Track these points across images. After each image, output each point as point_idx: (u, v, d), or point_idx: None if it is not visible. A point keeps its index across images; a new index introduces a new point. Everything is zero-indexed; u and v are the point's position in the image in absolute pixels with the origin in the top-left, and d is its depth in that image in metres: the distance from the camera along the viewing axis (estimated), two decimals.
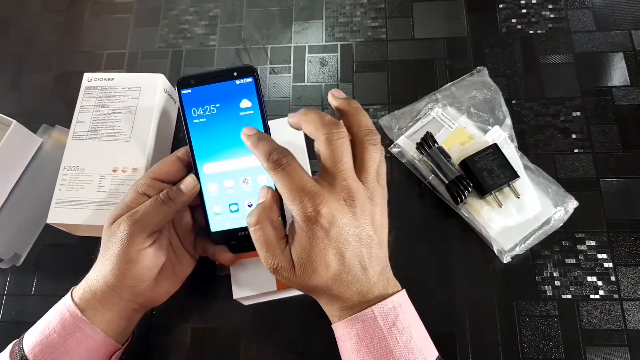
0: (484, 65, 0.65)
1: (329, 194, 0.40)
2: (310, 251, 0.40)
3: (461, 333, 0.54)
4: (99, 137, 0.58)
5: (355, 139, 0.43)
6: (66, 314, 0.46)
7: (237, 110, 0.49)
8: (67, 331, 0.45)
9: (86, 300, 0.46)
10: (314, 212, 0.39)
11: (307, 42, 0.70)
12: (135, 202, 0.48)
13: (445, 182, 0.56)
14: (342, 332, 0.43)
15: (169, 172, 0.50)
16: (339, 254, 0.40)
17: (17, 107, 0.70)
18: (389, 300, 0.41)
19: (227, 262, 0.52)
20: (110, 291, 0.46)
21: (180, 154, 0.51)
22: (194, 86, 0.49)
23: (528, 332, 0.54)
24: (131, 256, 0.46)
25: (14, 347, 0.46)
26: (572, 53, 0.65)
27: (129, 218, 0.46)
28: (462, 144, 0.59)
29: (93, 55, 0.73)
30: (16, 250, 0.62)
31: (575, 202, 0.57)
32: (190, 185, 0.49)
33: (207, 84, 0.49)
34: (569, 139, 0.61)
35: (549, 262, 0.56)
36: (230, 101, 0.49)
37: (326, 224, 0.40)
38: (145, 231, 0.46)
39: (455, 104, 0.62)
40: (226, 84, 0.49)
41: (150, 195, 0.48)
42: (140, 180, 0.49)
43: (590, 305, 0.54)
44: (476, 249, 0.57)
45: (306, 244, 0.40)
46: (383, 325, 0.41)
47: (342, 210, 0.40)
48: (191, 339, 0.56)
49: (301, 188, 0.40)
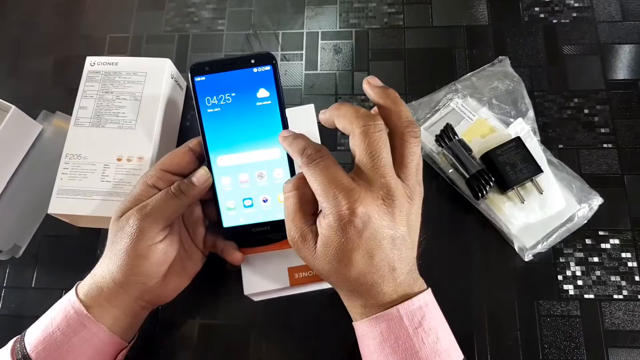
0: (506, 55, 0.62)
1: (366, 193, 0.38)
2: (337, 247, 0.38)
3: (480, 333, 0.52)
4: (102, 124, 0.56)
5: (394, 131, 0.40)
6: (71, 311, 0.44)
7: (253, 100, 0.47)
8: (72, 329, 0.43)
9: (92, 297, 0.44)
10: (348, 211, 0.37)
11: (320, 28, 0.68)
12: (144, 194, 0.45)
13: (466, 176, 0.54)
14: (364, 330, 0.41)
15: (179, 163, 0.48)
16: (367, 255, 0.38)
17: (16, 93, 0.67)
18: (415, 299, 0.39)
19: (234, 261, 0.49)
20: (117, 288, 0.44)
21: (192, 144, 0.48)
22: (208, 73, 0.47)
23: (549, 333, 0.52)
24: (141, 252, 0.43)
25: (15, 345, 0.44)
26: (597, 44, 0.63)
27: (138, 212, 0.44)
28: (483, 137, 0.57)
29: (95, 39, 0.70)
30: (15, 242, 0.59)
31: (599, 199, 0.55)
32: (202, 178, 0.46)
33: (222, 71, 0.47)
34: (593, 133, 0.59)
35: (571, 261, 0.54)
36: (246, 90, 0.47)
37: (360, 225, 0.37)
38: (156, 226, 0.44)
39: (475, 94, 0.60)
40: (243, 72, 0.46)
41: (160, 187, 0.46)
42: (150, 172, 0.47)
43: (613, 306, 0.53)
44: (496, 246, 0.55)
45: (335, 239, 0.38)
46: (409, 325, 0.39)
47: (380, 211, 0.38)
48: (198, 335, 0.54)
49: (336, 184, 0.38)
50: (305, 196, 0.41)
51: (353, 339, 0.42)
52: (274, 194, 0.48)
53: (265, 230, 0.48)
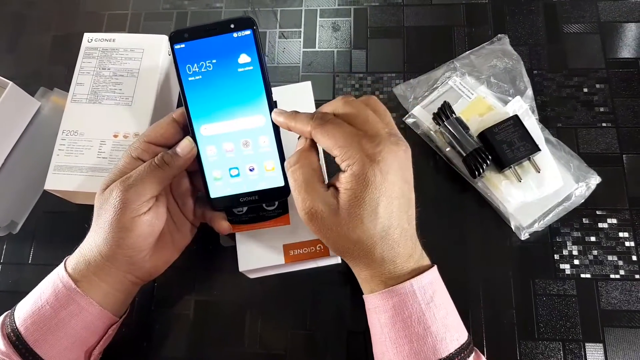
0: (505, 33, 0.62)
1: (387, 138, 0.39)
2: (362, 196, 0.38)
3: (475, 311, 0.52)
4: (99, 100, 0.56)
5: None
6: (59, 285, 0.44)
7: (235, 66, 0.45)
8: (61, 303, 0.43)
9: (80, 271, 0.44)
10: (374, 152, 0.38)
11: (319, 6, 0.67)
12: (129, 167, 0.45)
13: (463, 155, 0.54)
14: (376, 304, 0.41)
15: (163, 135, 0.46)
16: (389, 206, 0.39)
17: (14, 69, 0.67)
18: (427, 273, 0.40)
19: (222, 230, 0.49)
20: (104, 262, 0.44)
21: (175, 115, 0.47)
22: (188, 40, 0.45)
23: (544, 312, 0.52)
24: (125, 224, 0.43)
25: (4, 319, 0.44)
26: (597, 22, 0.62)
27: (121, 183, 0.43)
28: (481, 115, 0.57)
29: (94, 16, 0.70)
30: (13, 218, 0.59)
31: (597, 178, 0.54)
32: (186, 148, 0.45)
33: (202, 37, 0.45)
34: (592, 112, 0.59)
35: (568, 240, 0.54)
36: (227, 56, 0.45)
37: (385, 167, 0.38)
38: (139, 197, 0.43)
39: (474, 73, 0.60)
40: (223, 38, 0.45)
41: (145, 160, 0.45)
42: (134, 144, 0.46)
43: (610, 285, 0.52)
44: (493, 225, 0.55)
45: (359, 188, 0.38)
46: (422, 300, 0.39)
47: (398, 154, 0.39)
48: (194, 312, 0.54)
49: (356, 133, 0.39)
50: (312, 165, 0.41)
51: (348, 316, 0.42)
52: (260, 162, 0.47)
53: (254, 200, 0.47)
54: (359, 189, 0.38)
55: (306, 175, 0.41)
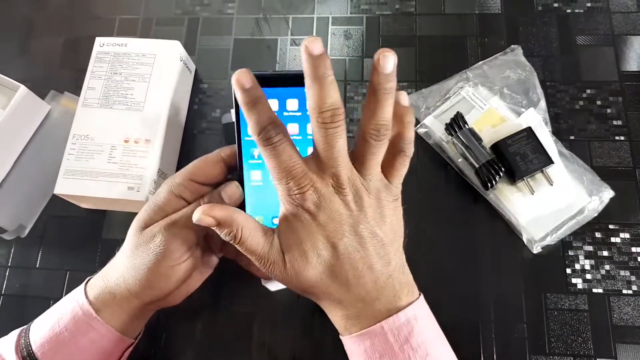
0: (518, 44, 0.61)
1: (317, 178, 0.37)
2: (298, 235, 0.37)
3: (486, 324, 0.52)
4: (110, 105, 0.55)
5: (360, 129, 0.38)
6: (79, 312, 0.43)
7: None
8: (80, 330, 0.42)
9: (103, 301, 0.43)
10: (299, 194, 0.36)
11: (331, 13, 0.67)
12: (169, 205, 0.43)
13: (476, 166, 0.54)
14: (349, 347, 0.40)
15: (209, 174, 0.45)
16: (329, 243, 0.37)
17: (25, 72, 0.67)
18: (402, 313, 0.38)
19: (263, 276, 0.48)
20: (131, 297, 0.43)
21: (224, 154, 0.45)
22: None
23: (556, 326, 0.51)
24: (163, 271, 0.42)
25: (19, 340, 0.43)
26: (611, 35, 0.62)
27: (166, 230, 0.42)
28: (493, 126, 0.56)
29: (105, 21, 0.69)
30: (21, 222, 0.59)
31: (610, 192, 0.54)
32: (235, 195, 0.44)
33: (272, 86, 0.43)
34: (605, 125, 0.58)
35: (580, 254, 0.54)
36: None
37: (312, 208, 0.37)
38: (183, 247, 0.42)
39: (487, 83, 0.59)
40: (292, 90, 0.44)
41: (187, 198, 0.44)
42: (176, 180, 0.44)
43: (622, 301, 0.52)
44: (504, 238, 0.54)
45: (294, 227, 0.37)
46: (394, 342, 0.37)
47: (332, 197, 0.37)
48: (202, 321, 0.54)
49: (289, 169, 0.36)
50: (249, 223, 0.39)
51: None
52: None
53: None
54: (292, 226, 0.38)
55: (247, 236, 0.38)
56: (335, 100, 0.35)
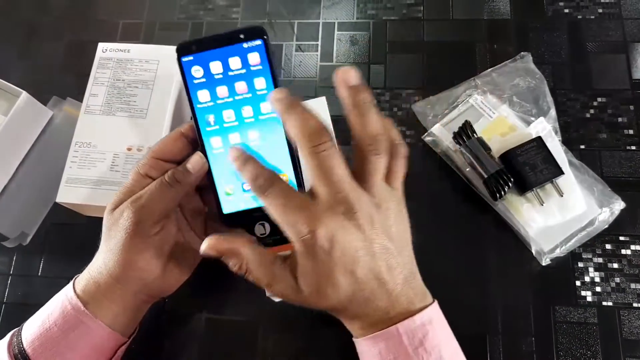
0: (528, 51, 0.60)
1: (324, 211, 0.36)
2: (315, 275, 0.37)
3: (493, 337, 0.51)
4: (113, 112, 0.55)
5: (357, 144, 0.38)
6: (68, 306, 0.43)
7: None
8: (69, 325, 0.42)
9: (89, 293, 0.43)
10: (309, 235, 0.36)
11: (337, 19, 0.66)
12: (137, 185, 0.43)
13: (484, 176, 0.53)
14: (363, 349, 0.40)
15: (172, 150, 0.45)
16: (348, 273, 0.36)
17: (27, 77, 0.67)
18: (418, 316, 0.38)
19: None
20: (115, 283, 0.43)
21: (183, 129, 0.45)
22: (196, 52, 0.43)
23: (564, 340, 0.51)
24: (137, 246, 0.42)
25: (12, 339, 0.43)
26: (624, 41, 0.61)
27: (132, 204, 0.42)
28: (502, 135, 0.55)
29: (108, 25, 0.69)
30: (23, 229, 0.59)
31: (621, 203, 0.53)
32: (197, 164, 0.43)
33: (210, 49, 0.43)
34: (616, 134, 0.57)
35: (590, 266, 0.53)
36: None
37: (326, 245, 0.36)
38: (151, 218, 0.42)
39: (496, 91, 0.58)
40: (232, 48, 0.43)
41: (154, 177, 0.44)
42: (142, 161, 0.44)
43: (632, 315, 0.51)
44: (513, 249, 0.54)
45: (309, 268, 0.37)
46: (409, 344, 0.37)
47: (344, 226, 0.36)
48: (205, 329, 0.53)
49: (292, 212, 0.36)
50: (253, 251, 0.39)
51: None
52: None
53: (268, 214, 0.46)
54: (307, 265, 0.37)
55: (257, 258, 0.39)
56: (317, 123, 0.37)
